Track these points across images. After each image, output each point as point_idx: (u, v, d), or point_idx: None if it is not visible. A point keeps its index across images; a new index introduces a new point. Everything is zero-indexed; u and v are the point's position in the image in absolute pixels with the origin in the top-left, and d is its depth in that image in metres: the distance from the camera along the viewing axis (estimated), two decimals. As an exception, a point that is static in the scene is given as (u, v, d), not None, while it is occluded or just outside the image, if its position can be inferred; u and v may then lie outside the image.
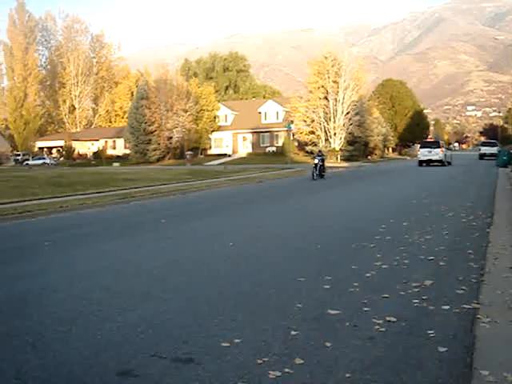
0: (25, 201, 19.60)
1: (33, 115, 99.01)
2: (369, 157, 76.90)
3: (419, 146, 52.85)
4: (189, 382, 4.22)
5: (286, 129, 65.54)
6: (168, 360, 4.67)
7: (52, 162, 75.26)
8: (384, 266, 8.04)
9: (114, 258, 9.44)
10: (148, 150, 71.51)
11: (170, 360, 4.67)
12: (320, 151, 34.78)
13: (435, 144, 48.48)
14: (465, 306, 6.00)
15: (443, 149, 47.68)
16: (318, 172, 31.49)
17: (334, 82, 66.96)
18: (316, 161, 31.95)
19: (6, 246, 11.25)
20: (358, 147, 69.73)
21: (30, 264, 9.05)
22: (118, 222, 15.07)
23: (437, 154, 46.55)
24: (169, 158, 72.16)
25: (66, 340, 5.25)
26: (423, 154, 47.68)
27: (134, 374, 4.38)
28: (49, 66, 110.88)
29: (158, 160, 71.31)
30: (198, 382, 4.20)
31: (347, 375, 4.27)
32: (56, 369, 4.54)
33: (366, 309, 5.98)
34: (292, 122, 68.04)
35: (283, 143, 71.56)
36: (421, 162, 47.68)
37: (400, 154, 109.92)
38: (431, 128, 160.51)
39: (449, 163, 48.67)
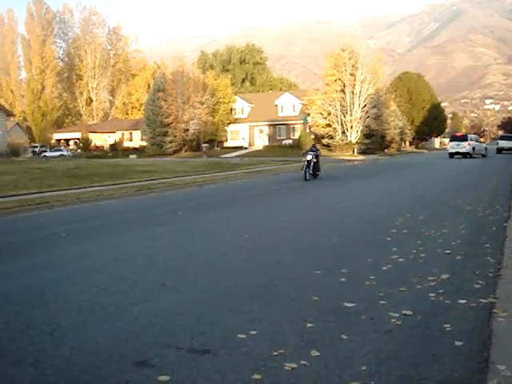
0: (42, 192, 19.74)
1: (50, 107, 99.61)
2: (385, 150, 76.54)
3: (449, 139, 58.09)
4: (205, 372, 4.24)
5: (302, 121, 65.58)
6: (184, 351, 4.69)
7: (69, 153, 75.57)
8: (400, 260, 8.02)
9: (131, 250, 9.48)
10: (164, 142, 71.63)
11: (186, 351, 4.69)
12: (314, 145, 29.46)
13: (463, 138, 52.67)
14: (481, 300, 5.97)
15: (470, 142, 51.00)
16: (311, 171, 26.13)
17: (351, 74, 66.71)
18: (308, 157, 26.40)
19: (25, 237, 11.35)
20: (374, 140, 69.42)
21: (48, 255, 9.13)
22: (135, 214, 15.13)
23: (464, 147, 50.46)
24: (185, 151, 72.25)
25: (83, 330, 5.29)
26: (452, 146, 52.17)
27: (151, 365, 4.41)
28: (66, 59, 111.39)
29: (175, 152, 71.39)
30: (213, 373, 4.22)
31: (363, 368, 4.28)
32: (73, 358, 4.58)
33: (382, 302, 5.97)
34: (308, 114, 67.96)
35: (300, 136, 71.36)
36: (451, 155, 51.74)
37: (417, 147, 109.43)
38: (448, 121, 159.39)
39: (483, 156, 52.81)
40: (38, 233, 11.98)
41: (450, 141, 54.04)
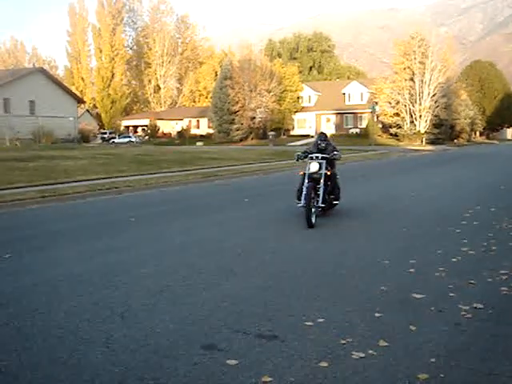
0: (111, 177, 20.14)
1: (119, 94, 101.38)
2: (455, 140, 74.94)
3: None
4: (272, 358, 4.26)
5: (370, 110, 64.77)
6: (252, 336, 4.73)
7: (137, 140, 76.78)
8: (471, 252, 7.86)
9: (198, 235, 9.59)
10: (231, 129, 71.99)
11: (254, 336, 4.73)
12: (324, 137, 11.89)
13: None
14: (556, 295, 5.80)
15: None
16: (320, 198, 10.79)
17: (421, 62, 65.55)
18: (313, 167, 11.02)
19: (95, 221, 11.63)
20: (443, 130, 68.08)
21: (118, 238, 9.34)
22: (202, 200, 15.29)
23: None
24: (252, 138, 72.49)
25: (153, 312, 5.40)
26: None
27: (219, 348, 4.47)
28: (135, 47, 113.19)
29: (241, 140, 71.71)
30: (281, 359, 4.24)
31: (432, 360, 4.22)
32: (143, 339, 4.68)
33: (451, 294, 5.87)
34: (376, 103, 67.10)
35: (367, 125, 70.57)
36: None
37: (488, 138, 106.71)
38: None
39: None
40: (108, 217, 12.25)
41: None
